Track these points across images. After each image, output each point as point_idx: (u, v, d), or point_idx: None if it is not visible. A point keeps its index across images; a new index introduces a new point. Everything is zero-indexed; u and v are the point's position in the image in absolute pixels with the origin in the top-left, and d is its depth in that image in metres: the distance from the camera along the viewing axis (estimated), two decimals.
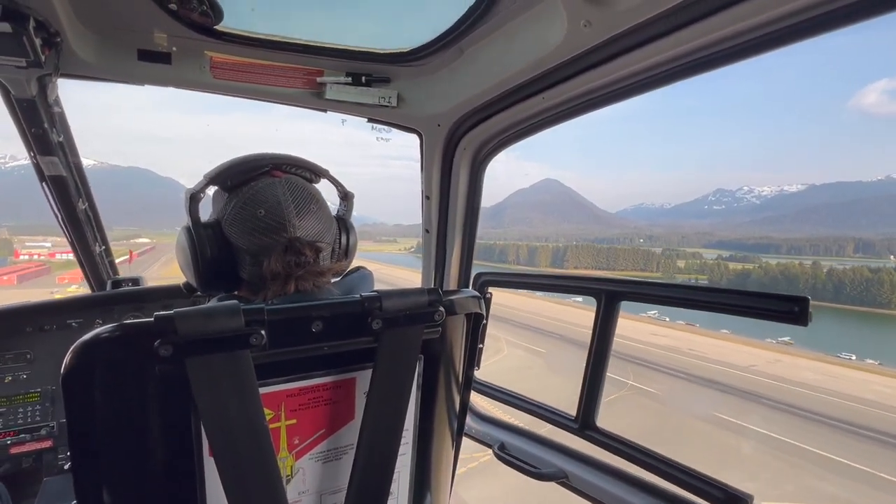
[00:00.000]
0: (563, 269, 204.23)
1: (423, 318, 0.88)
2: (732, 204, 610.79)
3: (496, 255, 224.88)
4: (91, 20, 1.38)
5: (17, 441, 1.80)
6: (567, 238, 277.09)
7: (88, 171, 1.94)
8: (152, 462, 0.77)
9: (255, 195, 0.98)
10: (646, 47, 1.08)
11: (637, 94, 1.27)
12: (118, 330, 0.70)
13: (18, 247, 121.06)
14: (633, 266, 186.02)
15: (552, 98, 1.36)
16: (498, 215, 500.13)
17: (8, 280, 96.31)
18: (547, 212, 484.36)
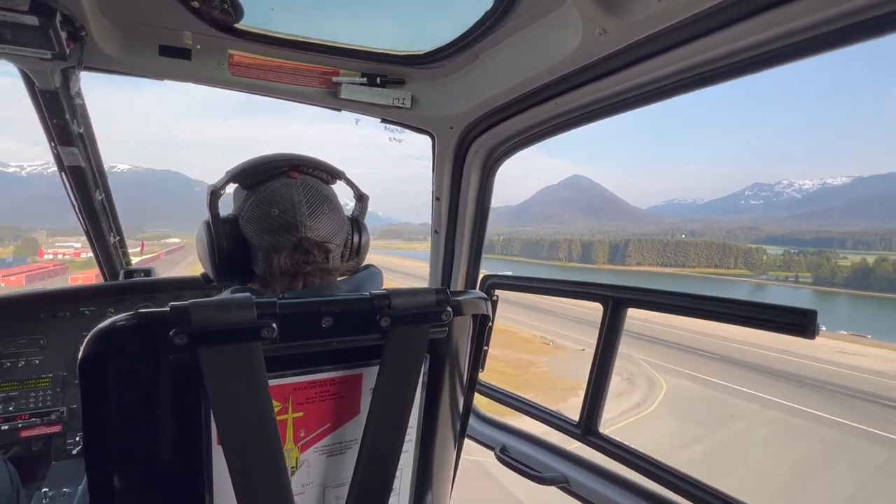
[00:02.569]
0: (626, 266, 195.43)
1: (431, 318, 0.89)
2: (771, 198, 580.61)
3: (544, 250, 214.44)
4: (115, 15, 1.41)
5: (28, 424, 1.84)
6: (601, 235, 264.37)
7: (125, 174, 2.00)
8: (162, 448, 0.79)
9: (270, 194, 1.01)
10: (660, 57, 1.09)
11: (650, 104, 1.28)
12: (134, 318, 0.71)
13: (46, 247, 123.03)
14: (706, 262, 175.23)
15: (565, 104, 1.37)
16: (525, 212, 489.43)
17: (15, 281, 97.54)
18: (575, 208, 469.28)
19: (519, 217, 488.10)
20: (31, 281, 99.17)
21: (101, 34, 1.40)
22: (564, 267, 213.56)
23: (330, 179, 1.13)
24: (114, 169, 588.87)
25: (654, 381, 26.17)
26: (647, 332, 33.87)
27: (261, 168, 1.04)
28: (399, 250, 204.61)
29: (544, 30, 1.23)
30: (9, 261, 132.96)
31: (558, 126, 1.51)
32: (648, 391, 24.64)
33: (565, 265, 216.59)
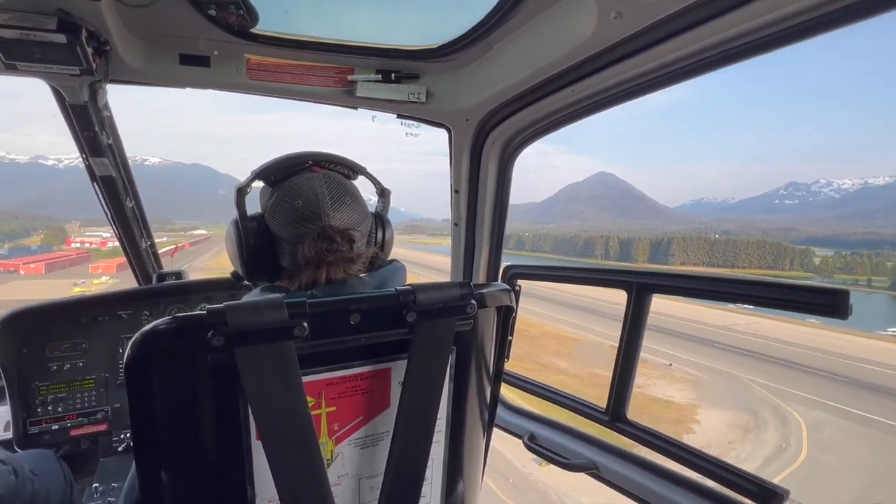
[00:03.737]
0: (670, 265, 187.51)
1: (456, 311, 0.91)
2: (807, 198, 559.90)
3: (578, 248, 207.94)
4: (137, 28, 1.45)
5: (76, 424, 1.94)
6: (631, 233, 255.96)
7: (155, 168, 2.06)
8: (205, 445, 0.83)
9: (294, 188, 1.03)
10: (677, 38, 1.07)
11: (669, 86, 1.25)
12: (174, 322, 0.75)
13: (75, 236, 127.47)
14: (759, 263, 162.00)
15: (581, 91, 1.35)
16: (549, 210, 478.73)
17: (35, 269, 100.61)
18: (602, 206, 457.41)
19: (543, 214, 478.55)
20: (51, 269, 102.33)
21: (125, 47, 1.45)
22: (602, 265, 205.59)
23: (351, 174, 1.15)
24: (145, 162, 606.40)
25: (782, 413, 21.96)
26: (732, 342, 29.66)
27: (284, 165, 1.06)
28: (423, 245, 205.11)
29: (558, 16, 1.22)
30: (34, 248, 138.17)
31: (575, 113, 1.49)
32: (783, 427, 20.56)
33: (601, 263, 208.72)
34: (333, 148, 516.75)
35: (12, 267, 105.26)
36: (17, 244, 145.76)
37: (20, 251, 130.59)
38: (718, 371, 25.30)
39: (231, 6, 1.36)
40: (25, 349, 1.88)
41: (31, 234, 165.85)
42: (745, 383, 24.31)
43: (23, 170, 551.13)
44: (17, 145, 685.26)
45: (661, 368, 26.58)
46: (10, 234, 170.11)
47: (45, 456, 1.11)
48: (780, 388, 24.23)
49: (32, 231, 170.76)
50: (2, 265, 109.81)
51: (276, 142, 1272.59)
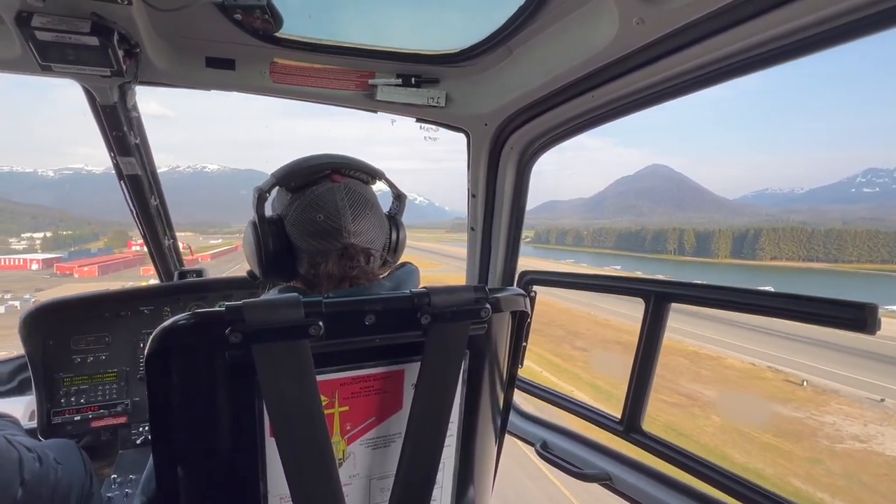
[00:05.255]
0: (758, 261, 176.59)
1: (470, 315, 0.91)
2: (890, 185, 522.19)
3: (646, 243, 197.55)
4: (165, 31, 1.49)
5: (97, 416, 1.98)
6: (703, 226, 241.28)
7: (214, 174, 2.12)
8: (219, 440, 0.85)
9: (315, 200, 1.04)
10: (700, 44, 1.06)
11: (691, 92, 1.24)
12: (193, 317, 0.76)
13: (136, 239, 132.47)
14: (869, 257, 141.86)
15: (602, 96, 1.35)
16: (599, 205, 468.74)
17: (88, 271, 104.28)
18: (657, 199, 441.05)
19: (593, 209, 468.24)
20: (104, 271, 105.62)
21: (153, 50, 1.49)
22: (675, 262, 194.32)
23: (370, 180, 1.16)
24: (204, 169, 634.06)
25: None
26: None
27: (305, 171, 1.07)
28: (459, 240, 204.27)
29: (579, 22, 1.21)
30: (94, 251, 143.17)
31: (595, 118, 1.48)
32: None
33: (675, 259, 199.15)
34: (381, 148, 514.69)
35: (68, 270, 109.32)
36: (80, 248, 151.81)
37: (81, 254, 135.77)
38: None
39: (257, 10, 1.39)
40: (51, 341, 1.94)
41: (99, 237, 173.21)
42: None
43: (98, 179, 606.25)
44: (94, 157, 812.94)
45: (870, 406, 19.74)
46: (80, 238, 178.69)
47: (67, 446, 1.14)
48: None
49: (101, 235, 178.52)
50: (59, 268, 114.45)
51: (323, 143, 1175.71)
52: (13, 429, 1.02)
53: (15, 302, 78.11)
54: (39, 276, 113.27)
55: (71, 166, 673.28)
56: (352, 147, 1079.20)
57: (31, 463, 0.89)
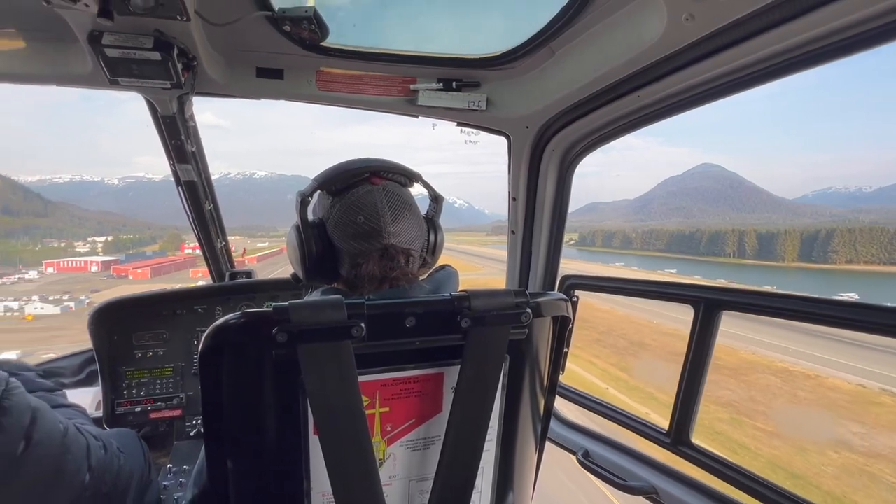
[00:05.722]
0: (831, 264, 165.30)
1: (510, 319, 0.90)
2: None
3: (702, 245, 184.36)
4: (220, 44, 1.57)
5: (155, 408, 2.11)
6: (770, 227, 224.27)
7: (262, 180, 2.23)
8: (266, 435, 0.88)
9: (355, 202, 1.07)
10: (753, 40, 1.01)
11: (743, 90, 1.18)
12: (243, 317, 0.80)
13: (189, 242, 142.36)
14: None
15: (648, 96, 1.30)
16: (645, 206, 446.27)
17: (142, 273, 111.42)
18: (707, 200, 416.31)
19: (639, 211, 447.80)
20: (156, 273, 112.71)
21: (209, 62, 1.57)
22: (734, 265, 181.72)
23: (407, 182, 1.18)
24: (253, 176, 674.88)
25: None
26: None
27: (345, 175, 1.10)
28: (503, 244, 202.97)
29: (625, 20, 1.18)
30: (149, 254, 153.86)
31: (641, 119, 1.44)
32: None
33: (735, 262, 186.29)
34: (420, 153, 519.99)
35: (124, 272, 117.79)
36: (137, 251, 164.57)
37: (137, 257, 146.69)
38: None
39: (304, 21, 1.44)
40: (116, 336, 2.07)
41: (155, 241, 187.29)
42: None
43: (157, 186, 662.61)
44: (154, 166, 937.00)
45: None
46: (138, 242, 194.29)
47: (129, 435, 1.21)
48: None
49: (157, 239, 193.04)
50: (115, 270, 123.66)
51: (362, 149, 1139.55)
52: (81, 418, 1.09)
53: (71, 303, 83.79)
54: (97, 277, 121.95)
55: (133, 175, 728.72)
56: (391, 152, 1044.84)
57: (97, 450, 0.95)
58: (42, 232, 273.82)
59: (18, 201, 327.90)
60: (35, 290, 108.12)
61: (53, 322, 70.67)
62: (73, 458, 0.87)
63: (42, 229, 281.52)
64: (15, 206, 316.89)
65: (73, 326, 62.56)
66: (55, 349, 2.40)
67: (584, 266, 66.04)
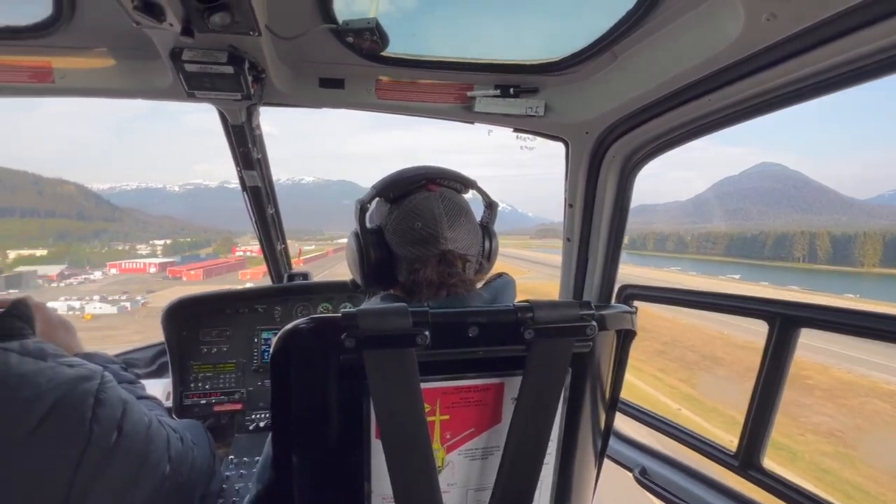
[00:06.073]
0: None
1: (575, 332, 0.88)
2: None
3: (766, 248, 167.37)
4: (286, 56, 1.63)
5: (219, 401, 2.22)
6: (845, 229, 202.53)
7: (309, 185, 2.35)
8: (330, 437, 0.90)
9: (413, 208, 1.09)
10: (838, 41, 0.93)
11: (824, 94, 1.10)
12: (312, 322, 0.83)
13: (241, 245, 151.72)
14: None
15: (719, 100, 1.24)
16: (698, 209, 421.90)
17: (195, 275, 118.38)
18: (767, 201, 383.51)
19: (691, 213, 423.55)
20: (208, 275, 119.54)
21: (276, 74, 1.64)
22: (804, 270, 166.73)
23: (463, 189, 1.19)
24: (301, 181, 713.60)
25: None
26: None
27: (402, 182, 1.12)
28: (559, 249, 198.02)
29: (697, 21, 1.13)
30: (202, 256, 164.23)
31: (710, 124, 1.37)
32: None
33: (805, 268, 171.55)
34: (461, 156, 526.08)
35: (178, 273, 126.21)
36: (192, 253, 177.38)
37: (191, 259, 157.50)
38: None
39: (366, 33, 1.48)
40: (185, 332, 2.21)
41: (210, 244, 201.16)
42: None
43: (213, 192, 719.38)
44: (210, 173, 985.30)
45: None
46: (194, 245, 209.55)
47: (198, 427, 1.28)
48: None
49: (212, 242, 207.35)
50: (171, 271, 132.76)
51: (407, 153, 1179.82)
52: (159, 409, 1.16)
53: (127, 303, 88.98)
54: (154, 278, 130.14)
55: (192, 182, 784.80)
56: (431, 156, 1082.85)
57: (175, 442, 1.01)
58: (110, 235, 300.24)
59: (91, 207, 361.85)
60: (97, 289, 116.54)
61: (109, 321, 73.63)
62: (155, 449, 0.93)
63: (110, 233, 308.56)
64: (87, 211, 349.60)
65: (125, 327, 64.94)
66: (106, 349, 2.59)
67: (636, 270, 62.78)
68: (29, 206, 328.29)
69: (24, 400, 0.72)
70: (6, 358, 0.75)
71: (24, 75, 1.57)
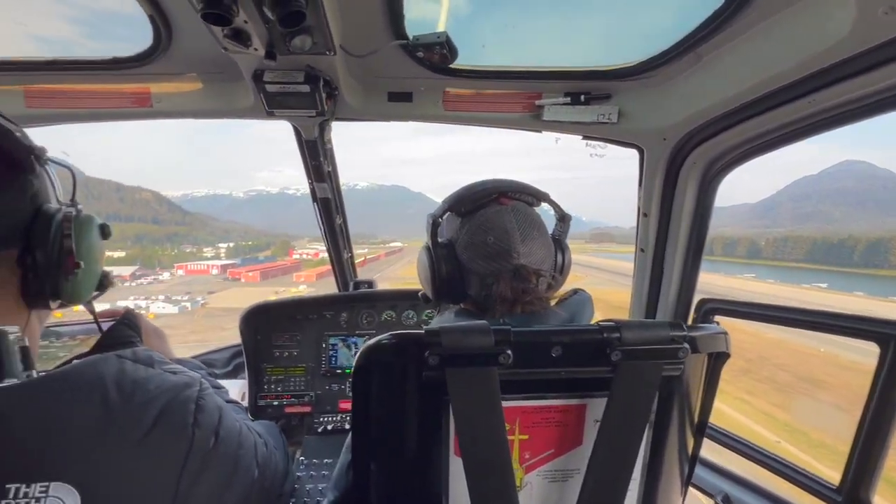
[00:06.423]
0: None
1: (665, 354, 0.83)
2: None
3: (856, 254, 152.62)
4: (357, 73, 1.69)
5: (290, 403, 2.32)
6: None
7: (363, 191, 2.43)
8: (409, 450, 0.91)
9: (485, 222, 1.09)
10: None
11: None
12: (394, 338, 0.84)
13: (297, 248, 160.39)
14: None
15: (822, 102, 1.13)
16: (770, 211, 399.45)
17: (252, 277, 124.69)
18: (853, 203, 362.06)
19: (762, 216, 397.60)
20: (265, 277, 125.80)
21: (347, 90, 1.69)
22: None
23: (535, 202, 1.17)
24: (355, 187, 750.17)
25: None
26: None
27: (474, 196, 1.12)
28: (615, 253, 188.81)
29: (797, 17, 1.04)
30: (261, 259, 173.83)
31: (807, 129, 1.24)
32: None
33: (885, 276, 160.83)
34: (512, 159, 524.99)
35: (237, 275, 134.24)
36: (252, 255, 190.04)
37: (251, 261, 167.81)
38: None
39: (436, 47, 1.49)
40: (259, 336, 2.33)
41: (269, 247, 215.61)
42: None
43: (274, 198, 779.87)
44: (271, 180, 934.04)
45: None
46: (255, 248, 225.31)
47: (274, 428, 1.32)
48: None
49: (271, 245, 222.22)
50: (231, 273, 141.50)
51: (458, 157, 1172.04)
52: (242, 413, 1.22)
53: (188, 303, 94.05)
54: (216, 279, 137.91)
55: (255, 188, 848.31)
56: (480, 159, 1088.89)
57: (261, 447, 1.05)
58: (180, 238, 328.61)
59: (164, 213, 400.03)
60: (164, 290, 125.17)
61: (169, 321, 75.19)
62: (245, 454, 0.97)
63: (180, 236, 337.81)
64: (161, 216, 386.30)
65: (182, 327, 66.35)
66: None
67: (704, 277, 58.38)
68: (112, 211, 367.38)
69: (138, 405, 0.77)
70: (122, 365, 0.81)
71: (127, 101, 1.72)
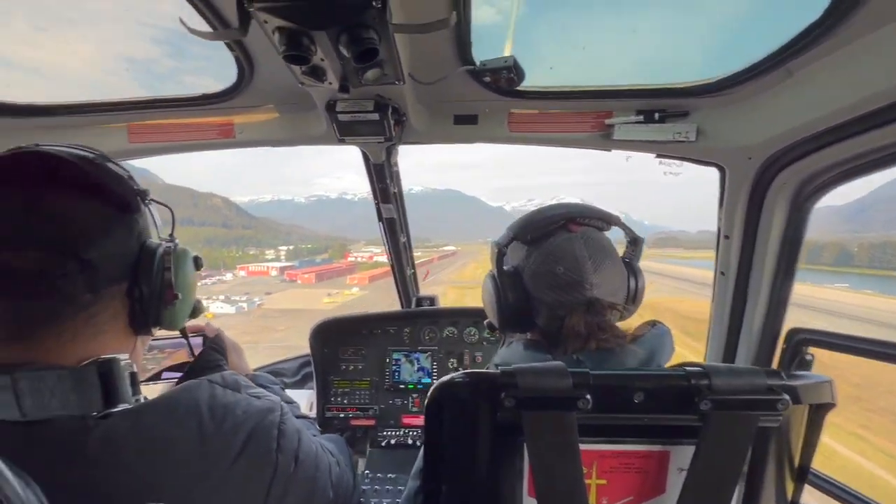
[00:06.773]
0: None
1: (761, 406, 0.77)
2: None
3: None
4: (424, 99, 1.72)
5: (355, 416, 2.39)
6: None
7: (418, 195, 2.49)
8: (479, 485, 0.90)
9: (553, 251, 1.05)
10: None
11: None
12: (468, 377, 0.84)
13: (353, 251, 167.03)
14: None
15: None
16: (859, 215, 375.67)
17: (308, 278, 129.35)
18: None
19: (851, 220, 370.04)
20: (320, 278, 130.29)
21: (414, 116, 1.73)
22: None
23: (605, 227, 1.12)
24: (410, 191, 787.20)
25: None
26: None
27: (541, 223, 1.09)
28: (682, 259, 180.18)
29: None
30: (318, 261, 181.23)
31: None
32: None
33: None
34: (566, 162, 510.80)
35: (294, 276, 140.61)
36: (309, 258, 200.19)
37: (308, 263, 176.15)
38: None
39: (503, 71, 1.49)
40: (326, 349, 2.42)
41: (326, 250, 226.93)
42: None
43: (333, 203, 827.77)
44: (331, 186, 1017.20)
45: None
46: (313, 251, 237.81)
47: (342, 442, 1.35)
48: None
49: (329, 248, 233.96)
50: (288, 274, 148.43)
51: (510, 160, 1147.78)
52: (314, 429, 1.25)
53: (244, 304, 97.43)
54: (274, 280, 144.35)
55: (315, 193, 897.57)
56: (532, 161, 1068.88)
57: (334, 466, 1.08)
58: (245, 241, 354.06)
59: (232, 217, 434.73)
60: (226, 290, 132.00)
61: (225, 321, 75.20)
62: (321, 476, 1.00)
63: (246, 239, 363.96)
64: (230, 220, 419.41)
65: (235, 328, 65.51)
66: None
67: None
68: (186, 216, 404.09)
69: (228, 430, 0.81)
70: (213, 390, 0.85)
71: (213, 133, 1.86)
